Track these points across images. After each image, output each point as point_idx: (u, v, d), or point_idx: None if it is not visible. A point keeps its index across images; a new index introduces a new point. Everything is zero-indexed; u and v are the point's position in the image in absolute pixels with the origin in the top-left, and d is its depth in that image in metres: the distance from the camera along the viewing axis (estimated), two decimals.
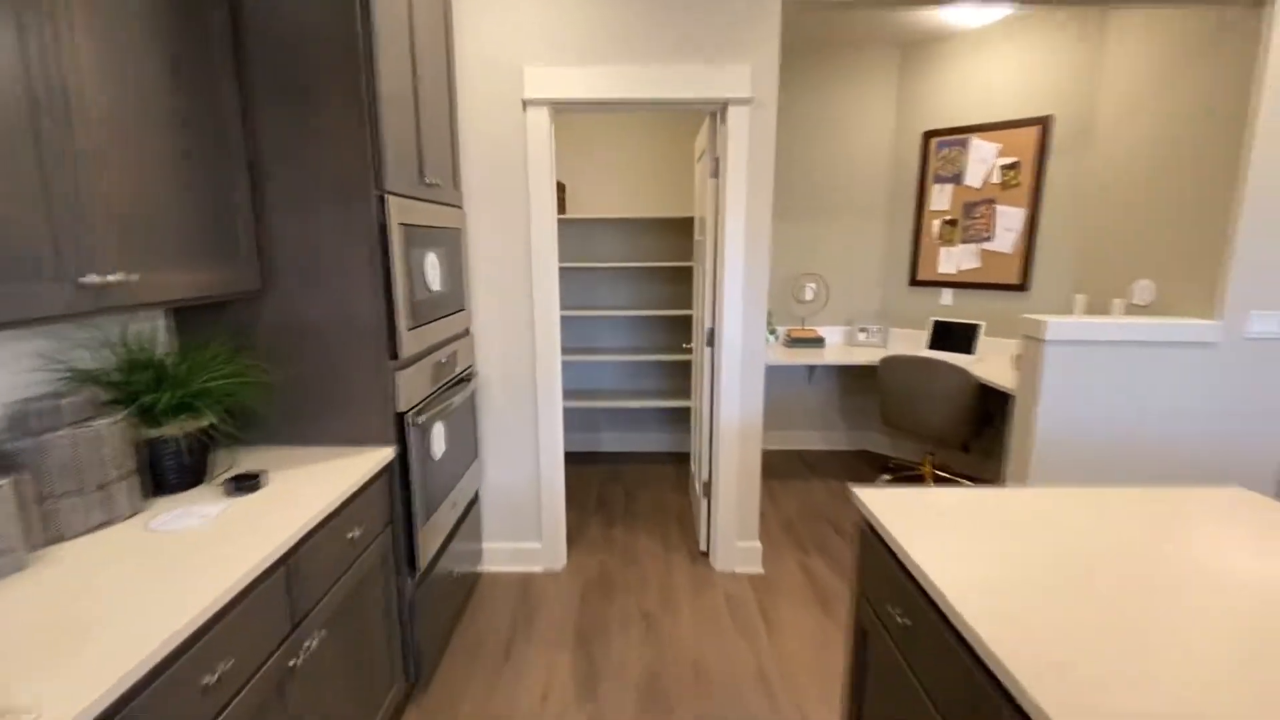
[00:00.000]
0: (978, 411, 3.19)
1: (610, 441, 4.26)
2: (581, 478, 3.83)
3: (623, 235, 3.96)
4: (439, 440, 2.07)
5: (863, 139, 3.93)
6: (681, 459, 4.12)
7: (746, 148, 2.38)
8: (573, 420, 4.25)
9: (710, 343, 2.65)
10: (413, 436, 1.83)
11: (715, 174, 2.53)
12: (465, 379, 2.42)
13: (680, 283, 4.03)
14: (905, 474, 3.80)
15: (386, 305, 1.72)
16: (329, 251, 1.68)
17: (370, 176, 1.64)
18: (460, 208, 2.39)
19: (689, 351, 3.25)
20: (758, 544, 2.71)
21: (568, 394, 4.11)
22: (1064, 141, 3.29)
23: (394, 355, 1.75)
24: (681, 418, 4.21)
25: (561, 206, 3.74)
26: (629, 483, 3.75)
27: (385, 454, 1.75)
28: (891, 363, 3.32)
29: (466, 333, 2.49)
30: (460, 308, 2.37)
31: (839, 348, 3.92)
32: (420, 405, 1.91)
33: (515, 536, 2.73)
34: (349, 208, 1.66)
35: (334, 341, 1.73)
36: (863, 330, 3.98)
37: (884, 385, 3.39)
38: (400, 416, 1.80)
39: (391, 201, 1.70)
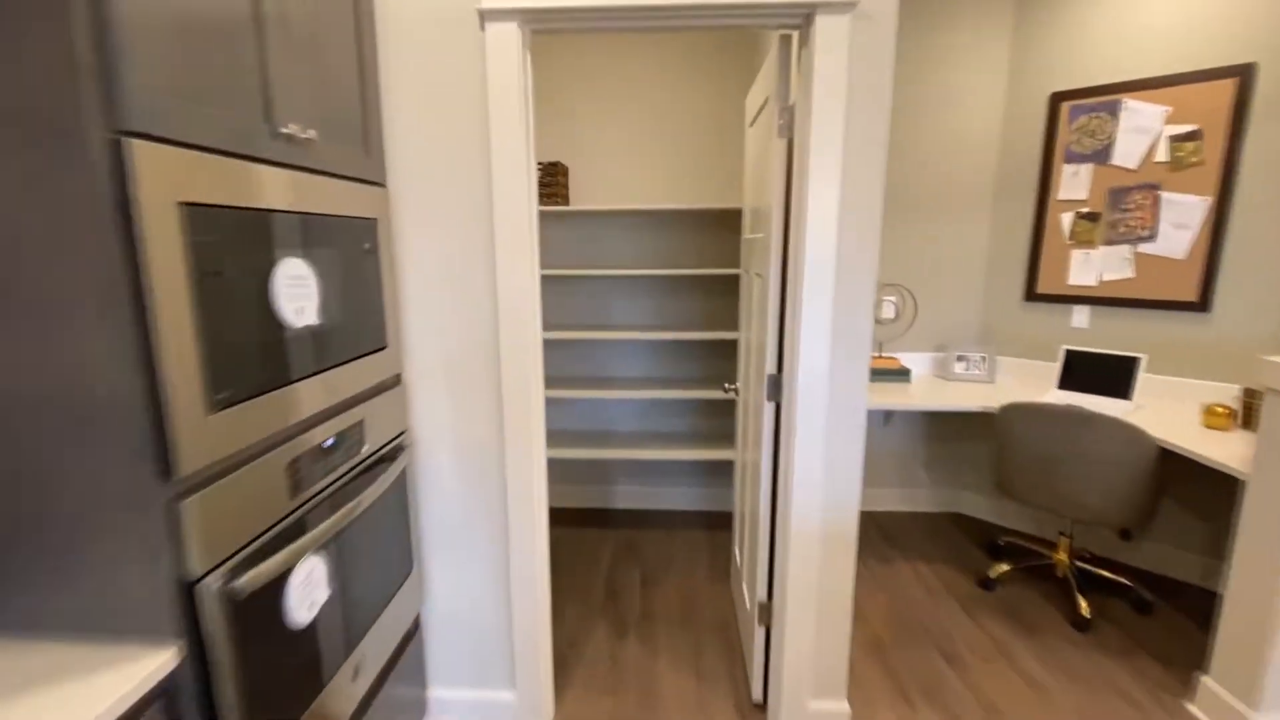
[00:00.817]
0: (1153, 487, 2.20)
1: (626, 496, 3.35)
2: (586, 548, 2.92)
3: (643, 233, 3.05)
4: (311, 587, 1.18)
5: (961, 108, 2.96)
6: (719, 522, 3.18)
7: (845, 84, 1.45)
8: (578, 470, 3.35)
9: (776, 395, 1.72)
10: (224, 619, 0.94)
11: (788, 131, 1.61)
12: (387, 456, 1.53)
13: (720, 295, 3.10)
14: (1026, 560, 2.81)
15: (146, 367, 0.83)
16: (4, 250, 0.80)
17: (87, 96, 0.76)
18: (380, 185, 1.51)
19: (731, 392, 2.33)
20: (845, 706, 1.77)
21: (571, 437, 3.21)
22: (1272, 100, 2.29)
23: (166, 469, 0.87)
24: (720, 468, 3.28)
25: (561, 195, 2.85)
26: (649, 559, 2.83)
27: (151, 666, 0.86)
28: (1020, 414, 2.35)
29: (395, 383, 1.60)
30: (378, 346, 1.48)
31: (929, 382, 2.96)
32: (255, 548, 1.02)
33: (478, 681, 1.83)
34: (43, 161, 0.77)
35: (34, 436, 0.84)
36: (961, 359, 3.00)
37: (1007, 443, 2.42)
38: (191, 587, 0.91)
39: (150, 155, 0.81)
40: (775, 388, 1.72)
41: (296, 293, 1.14)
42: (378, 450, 1.48)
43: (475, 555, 1.75)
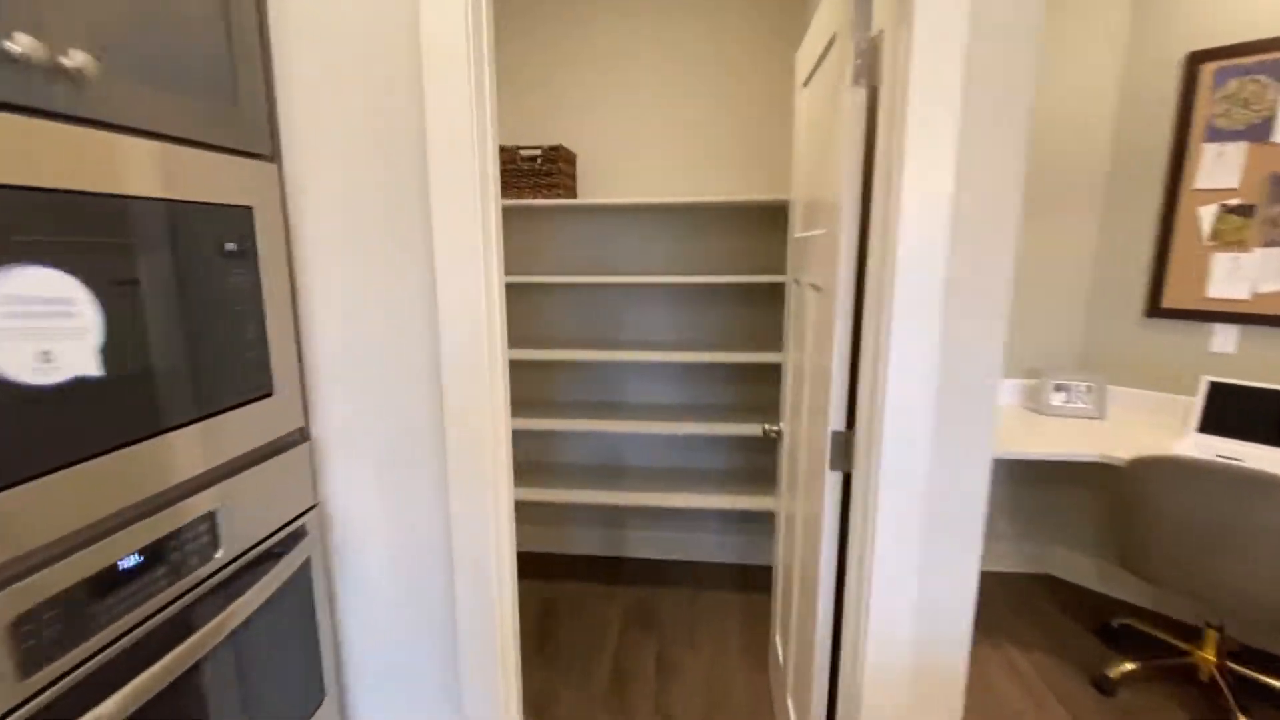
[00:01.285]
0: None
1: (642, 543, 2.83)
2: (590, 608, 2.42)
3: (666, 232, 2.53)
4: None
5: (1063, 76, 2.37)
6: (755, 579, 2.64)
7: (967, 5, 0.91)
8: (587, 513, 2.85)
9: (844, 463, 1.19)
10: None
11: (869, 76, 1.07)
12: (273, 551, 1.05)
13: (761, 306, 2.56)
14: (1155, 655, 2.20)
15: None
16: None
17: None
18: (265, 158, 1.03)
19: (772, 434, 1.80)
20: None
21: (576, 474, 2.71)
22: None
23: None
24: (759, 513, 2.74)
25: (565, 186, 2.36)
26: (668, 628, 2.31)
27: None
28: (1163, 472, 1.76)
29: (296, 440, 1.13)
30: (255, 393, 1.00)
31: (1018, 415, 2.37)
32: None
33: None
34: None
35: None
36: (1060, 389, 2.41)
37: (1140, 509, 1.83)
38: None
39: None
40: (843, 452, 1.19)
41: (40, 328, 0.67)
42: (252, 548, 1.00)
43: (419, 686, 1.26)
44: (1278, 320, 2.07)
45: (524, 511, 2.87)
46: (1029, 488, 2.65)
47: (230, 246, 0.94)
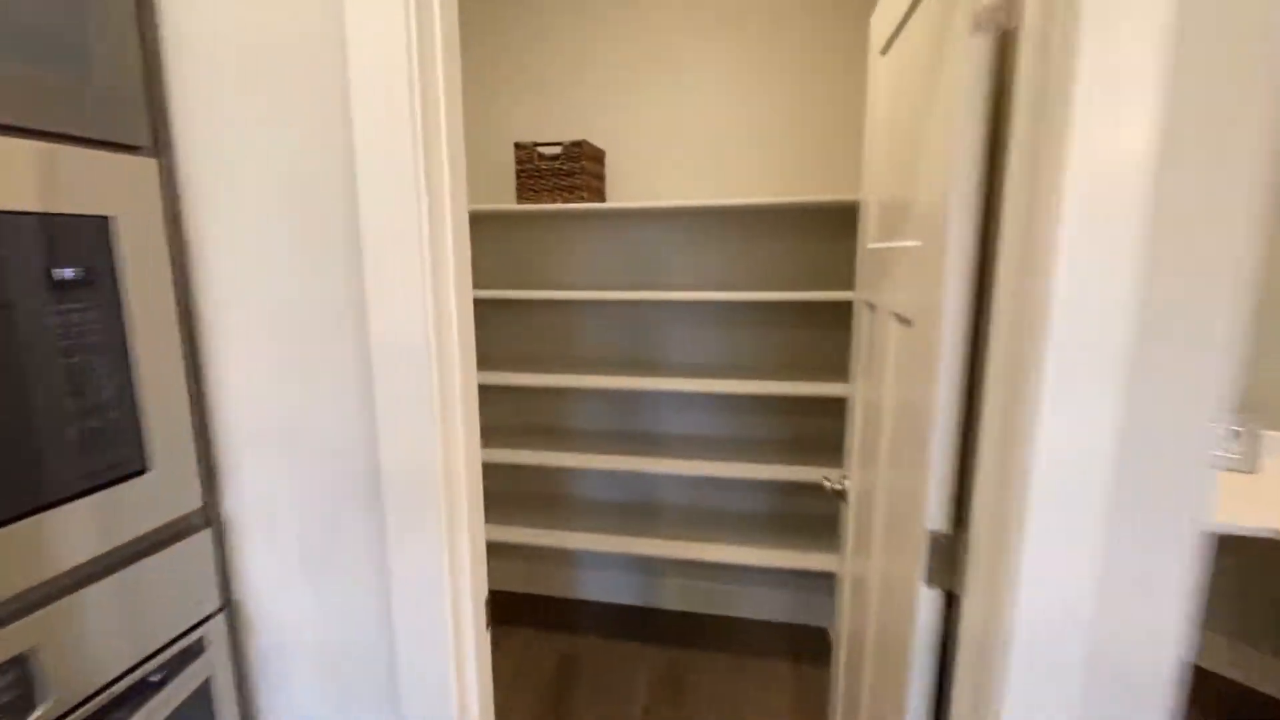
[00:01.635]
0: None
1: (678, 593, 2.49)
2: (614, 671, 2.09)
3: (709, 240, 2.19)
4: None
5: None
6: (808, 643, 2.26)
7: None
8: (614, 559, 2.52)
9: (947, 578, 0.82)
10: None
11: (990, 23, 0.71)
12: (146, 684, 0.77)
13: (823, 327, 2.18)
14: None
15: None
16: None
17: None
18: (139, 151, 0.76)
19: (836, 490, 1.43)
20: None
21: (602, 512, 2.40)
22: None
23: None
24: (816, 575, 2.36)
25: (591, 188, 2.05)
26: (703, 702, 1.96)
27: None
28: None
29: (194, 527, 0.85)
30: (122, 471, 0.73)
31: None
32: None
33: None
34: None
35: None
36: None
37: None
38: None
39: None
40: (946, 563, 0.82)
41: None
42: (105, 688, 0.72)
43: None
44: None
45: (542, 553, 2.57)
46: None
47: (65, 274, 0.66)
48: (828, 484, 1.45)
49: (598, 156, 2.08)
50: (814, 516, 2.29)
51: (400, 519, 0.85)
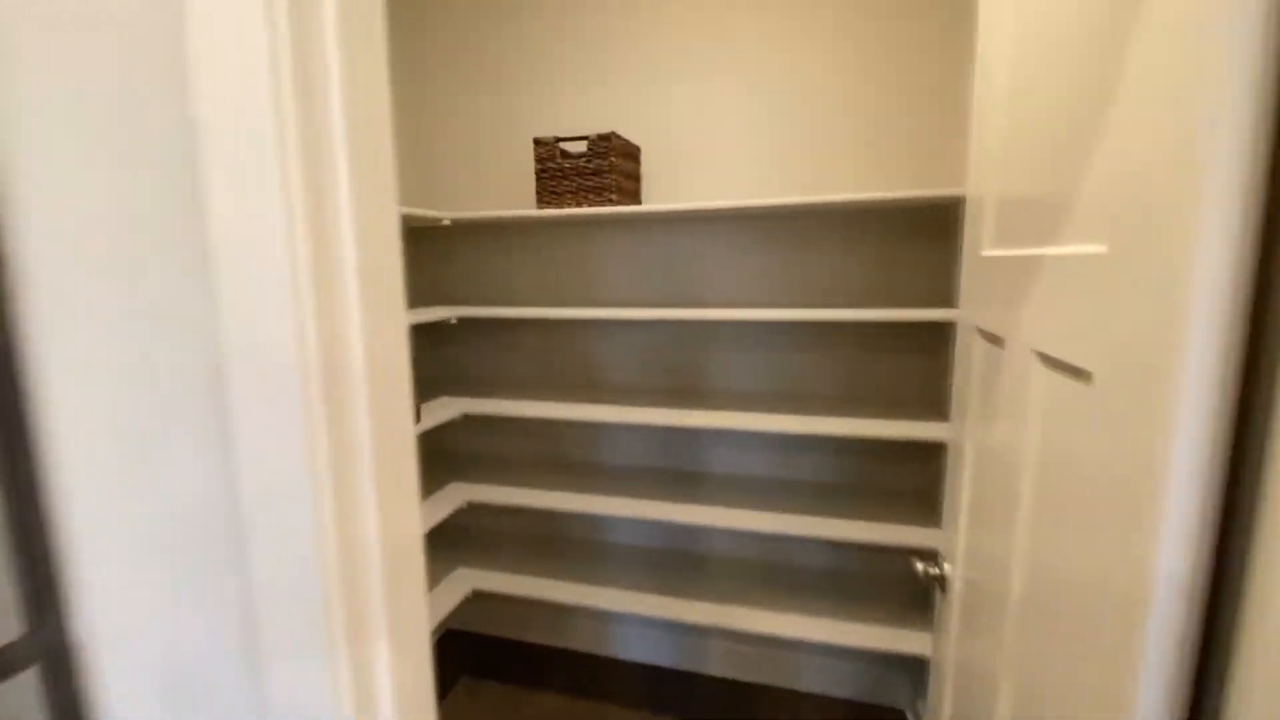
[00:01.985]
0: None
1: (724, 659, 2.14)
2: None
3: (760, 248, 1.85)
4: None
5: None
6: None
7: None
8: (654, 627, 2.19)
9: None
10: None
11: None
12: None
13: (908, 350, 1.80)
14: None
15: None
16: None
17: None
18: None
19: (933, 575, 1.08)
20: None
21: (637, 562, 2.09)
22: None
23: None
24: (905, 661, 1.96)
25: (626, 189, 1.75)
26: None
27: None
28: None
29: (13, 664, 0.59)
30: None
31: None
32: None
33: None
34: None
35: None
36: None
37: None
38: None
39: None
40: None
41: None
42: None
43: None
44: None
45: (570, 606, 2.28)
46: None
47: None
48: (922, 570, 1.09)
49: (631, 153, 1.79)
50: (891, 580, 1.90)
51: (276, 638, 0.58)
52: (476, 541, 2.28)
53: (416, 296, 2.07)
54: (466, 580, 2.15)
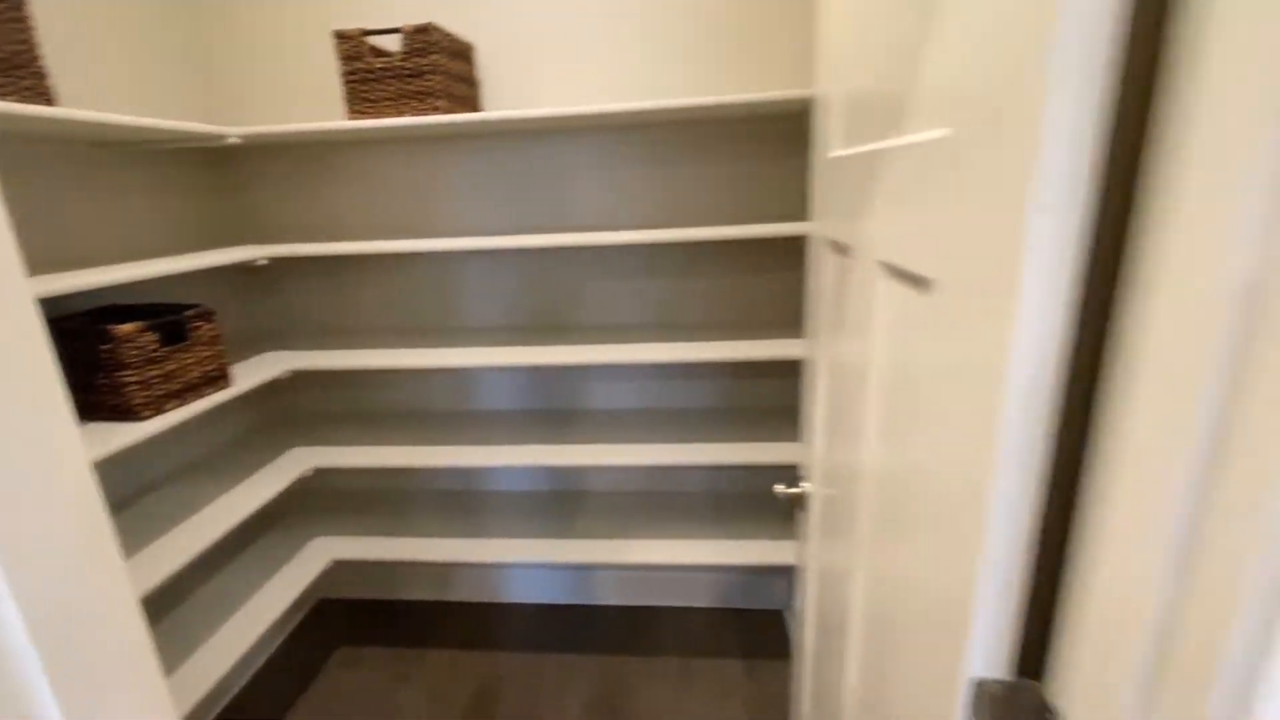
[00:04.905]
0: None
1: (617, 588, 2.14)
2: (540, 698, 1.75)
3: (619, 164, 1.70)
4: None
5: None
6: (761, 629, 1.98)
7: None
8: (543, 568, 2.13)
9: None
10: None
11: None
12: None
13: (776, 269, 1.76)
14: None
15: None
16: None
17: None
18: None
19: (787, 495, 1.07)
20: None
21: (521, 507, 2.00)
22: None
23: None
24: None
25: (460, 97, 1.52)
26: None
27: None
28: None
29: None
30: None
31: None
32: None
33: None
34: None
35: None
36: None
37: None
38: None
39: None
40: None
41: None
42: None
43: None
44: None
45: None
46: None
47: None
48: (779, 490, 1.07)
49: (460, 51, 1.53)
50: (767, 495, 1.95)
51: None
52: (335, 507, 2.07)
53: (210, 235, 1.73)
54: (325, 550, 1.96)
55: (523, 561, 1.87)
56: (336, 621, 2.12)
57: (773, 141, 1.63)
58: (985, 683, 0.45)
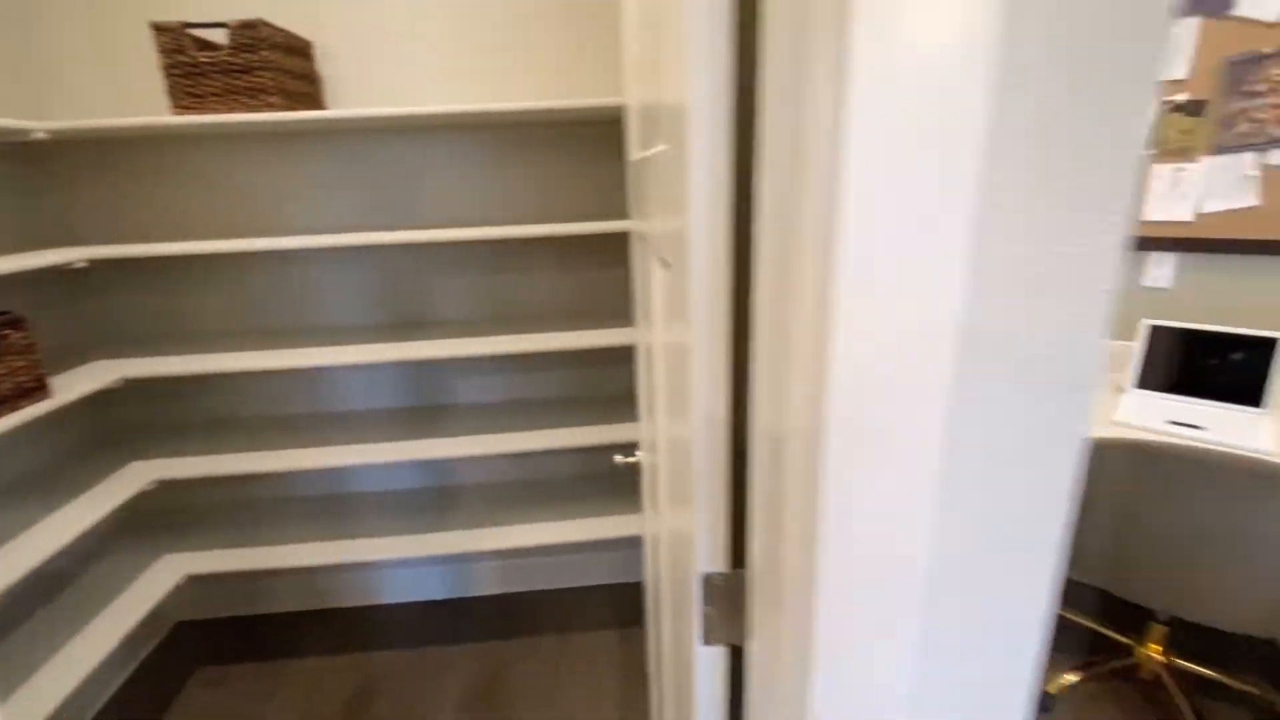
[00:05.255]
0: None
1: (494, 578, 2.19)
2: (419, 684, 1.78)
3: (462, 163, 1.75)
4: None
5: None
6: (636, 599, 2.11)
7: None
8: (418, 565, 2.14)
9: (727, 632, 0.58)
10: None
11: None
12: None
13: (617, 265, 1.88)
14: (1097, 659, 1.90)
15: None
16: None
17: None
18: None
19: (625, 464, 1.19)
20: None
21: (386, 504, 2.00)
22: None
23: None
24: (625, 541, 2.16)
25: (299, 95, 1.50)
26: (525, 707, 1.73)
27: None
28: (1123, 458, 1.35)
29: None
30: None
31: None
32: None
33: None
34: None
35: None
36: None
37: (1092, 506, 1.43)
38: None
39: None
40: (726, 614, 0.58)
41: None
42: None
43: None
44: (1222, 245, 1.72)
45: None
46: None
47: None
48: (617, 460, 1.19)
49: (297, 48, 1.52)
50: (628, 473, 2.08)
51: None
52: (186, 522, 1.96)
53: (23, 237, 1.59)
54: (176, 566, 1.86)
55: (390, 559, 1.88)
56: (196, 642, 2.01)
57: (609, 144, 1.75)
58: (711, 575, 0.58)
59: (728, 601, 0.58)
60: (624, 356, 1.92)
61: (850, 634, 0.43)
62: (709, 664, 0.61)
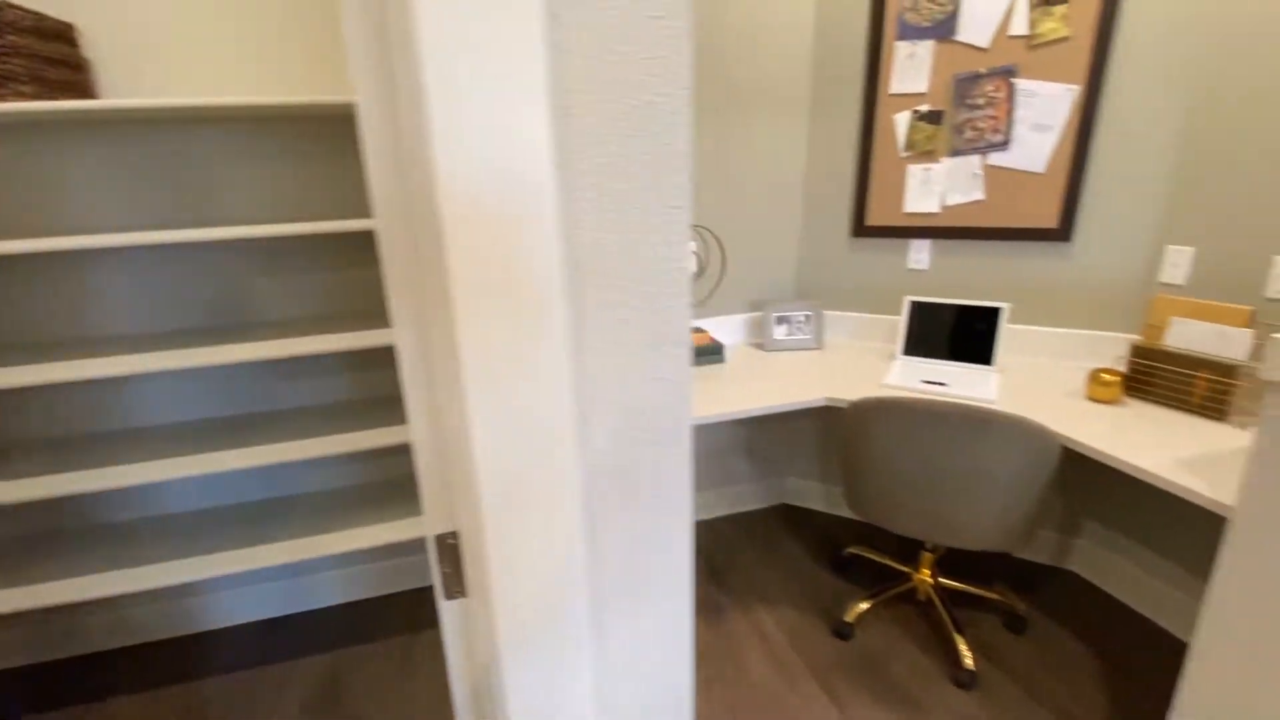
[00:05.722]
0: (1048, 497, 1.63)
1: (333, 586, 2.14)
2: (256, 702, 1.72)
3: (268, 159, 1.69)
4: None
5: None
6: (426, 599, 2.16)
7: None
8: (242, 573, 2.02)
9: (461, 588, 0.67)
10: None
11: None
12: None
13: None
14: (883, 586, 2.21)
15: None
16: None
17: None
18: None
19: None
20: None
21: (182, 526, 1.88)
22: None
23: None
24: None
25: (59, 84, 1.38)
26: (367, 708, 1.72)
27: None
28: (883, 415, 1.60)
29: None
30: None
31: (746, 356, 2.15)
32: None
33: None
34: None
35: None
36: (781, 320, 2.23)
37: (863, 454, 1.69)
38: None
39: None
40: (456, 572, 0.67)
41: None
42: None
43: None
44: (963, 232, 2.06)
45: (135, 598, 1.94)
46: (762, 431, 2.52)
47: None
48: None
49: (57, 32, 1.39)
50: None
51: None
52: None
53: None
54: None
55: (220, 576, 1.78)
56: (16, 692, 1.79)
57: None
58: (441, 536, 0.66)
59: (456, 560, 0.66)
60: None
61: (517, 564, 0.53)
62: (452, 618, 0.69)
